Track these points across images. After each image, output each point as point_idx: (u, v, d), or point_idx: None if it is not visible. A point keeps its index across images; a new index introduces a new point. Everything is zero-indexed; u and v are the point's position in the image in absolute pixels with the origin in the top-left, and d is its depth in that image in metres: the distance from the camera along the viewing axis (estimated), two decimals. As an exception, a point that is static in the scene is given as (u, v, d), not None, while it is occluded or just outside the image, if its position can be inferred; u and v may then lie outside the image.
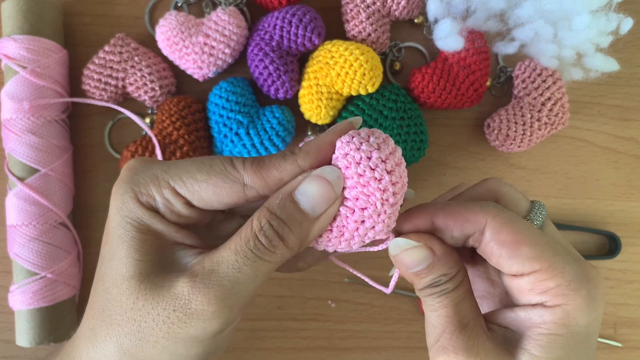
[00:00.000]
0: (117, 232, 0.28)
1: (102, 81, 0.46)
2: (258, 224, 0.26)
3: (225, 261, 0.26)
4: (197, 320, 0.26)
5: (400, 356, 0.50)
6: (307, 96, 0.46)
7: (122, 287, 0.27)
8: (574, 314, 0.27)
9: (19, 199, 0.44)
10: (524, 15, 0.47)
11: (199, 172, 0.27)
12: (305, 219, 0.27)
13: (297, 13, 0.45)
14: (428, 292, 0.30)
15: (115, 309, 0.27)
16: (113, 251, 0.28)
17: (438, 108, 0.49)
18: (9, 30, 0.45)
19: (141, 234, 0.28)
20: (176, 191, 0.28)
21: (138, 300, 0.27)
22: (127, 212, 0.28)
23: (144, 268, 0.27)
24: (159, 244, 0.28)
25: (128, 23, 0.49)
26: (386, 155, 0.27)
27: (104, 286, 0.28)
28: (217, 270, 0.26)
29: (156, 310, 0.26)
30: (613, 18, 0.47)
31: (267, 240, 0.26)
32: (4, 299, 0.47)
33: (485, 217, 0.28)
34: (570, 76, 0.49)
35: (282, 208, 0.27)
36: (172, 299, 0.26)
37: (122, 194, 0.28)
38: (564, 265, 0.27)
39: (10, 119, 0.44)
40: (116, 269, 0.27)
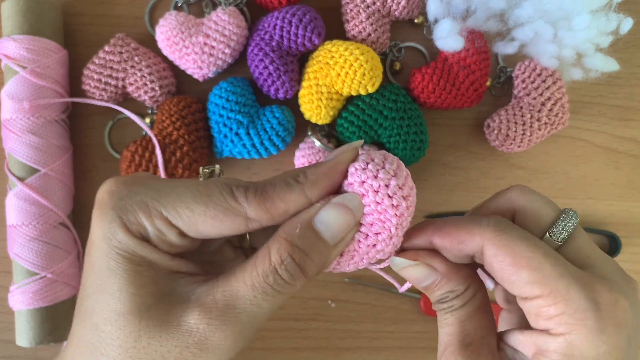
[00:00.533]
0: (105, 264, 0.25)
1: (102, 81, 0.46)
2: (278, 258, 0.25)
3: (241, 296, 0.25)
4: (212, 355, 0.25)
5: (400, 356, 0.50)
6: (307, 96, 0.46)
7: (118, 324, 0.25)
8: (578, 345, 0.25)
9: (19, 199, 0.44)
10: (524, 16, 0.47)
11: (195, 203, 0.25)
12: (326, 248, 0.26)
13: (297, 13, 0.45)
14: (437, 308, 0.30)
15: (110, 349, 0.25)
16: (102, 284, 0.25)
17: (438, 108, 0.49)
18: (8, 30, 0.45)
19: (134, 266, 0.25)
20: (169, 222, 0.25)
21: (141, 339, 0.24)
22: (117, 243, 0.25)
23: (142, 302, 0.25)
24: (154, 275, 0.25)
25: (128, 23, 0.49)
26: (403, 182, 0.27)
27: (92, 322, 0.25)
28: (233, 306, 0.25)
29: (166, 347, 0.24)
30: (613, 18, 0.47)
31: (288, 274, 0.25)
32: (4, 299, 0.47)
33: (481, 239, 0.27)
34: (570, 76, 0.49)
35: (303, 239, 0.25)
36: (184, 336, 0.24)
37: (110, 222, 0.25)
38: (568, 291, 0.25)
39: (10, 119, 0.44)
40: (108, 304, 0.25)
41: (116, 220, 0.25)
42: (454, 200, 0.51)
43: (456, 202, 0.51)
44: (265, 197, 0.25)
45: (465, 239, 0.27)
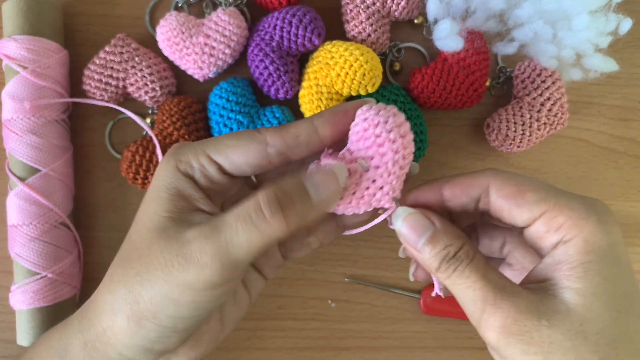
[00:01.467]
0: (152, 194, 0.32)
1: (102, 81, 0.47)
2: (264, 196, 0.29)
3: (226, 222, 0.29)
4: (192, 267, 0.28)
5: (400, 356, 0.50)
6: (307, 96, 0.46)
7: (144, 236, 0.31)
8: (592, 238, 0.28)
9: (19, 198, 0.44)
10: (524, 16, 0.47)
11: (229, 139, 0.32)
12: (309, 203, 0.30)
13: (297, 13, 0.45)
14: (447, 271, 0.30)
15: (132, 254, 0.31)
16: (145, 210, 0.32)
17: (438, 108, 0.49)
18: (9, 30, 0.45)
19: (171, 195, 0.31)
20: (211, 157, 0.31)
21: (152, 246, 0.30)
22: (165, 176, 0.31)
23: (165, 222, 0.30)
24: (184, 206, 0.31)
25: (128, 23, 0.49)
26: (400, 122, 0.31)
27: (130, 239, 0.32)
28: (218, 229, 0.29)
29: (163, 254, 0.29)
30: (612, 18, 0.47)
31: (268, 211, 0.28)
32: (5, 298, 0.47)
33: (486, 178, 0.31)
34: (570, 76, 0.49)
35: (290, 188, 0.29)
36: (177, 245, 0.29)
37: (165, 164, 0.32)
38: (569, 201, 0.29)
39: (11, 119, 0.45)
40: (143, 223, 0.31)
41: (170, 161, 0.32)
42: (453, 200, 0.51)
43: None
44: (282, 127, 0.32)
45: (472, 183, 0.32)
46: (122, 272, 0.31)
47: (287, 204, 0.29)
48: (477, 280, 0.29)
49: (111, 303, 0.31)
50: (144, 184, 0.46)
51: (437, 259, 0.30)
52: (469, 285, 0.29)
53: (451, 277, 0.30)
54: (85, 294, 0.48)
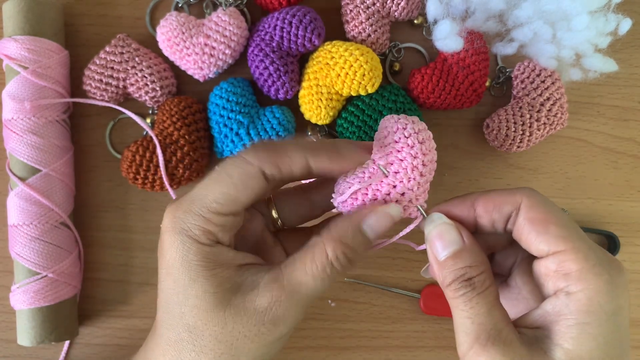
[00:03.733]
0: (187, 277, 0.30)
1: (103, 81, 0.47)
2: (334, 255, 0.30)
3: (304, 283, 0.30)
4: (283, 325, 0.30)
5: (400, 355, 0.50)
6: (307, 97, 0.46)
7: (207, 319, 0.30)
8: (597, 298, 0.27)
9: (20, 198, 0.44)
10: (523, 16, 0.47)
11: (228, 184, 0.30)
12: (369, 245, 0.32)
13: (297, 14, 0.45)
14: (457, 292, 0.30)
15: (204, 338, 0.30)
16: (186, 293, 0.30)
17: (437, 108, 0.49)
18: (10, 30, 0.45)
19: (209, 271, 0.30)
20: (219, 212, 0.30)
21: (227, 325, 0.30)
22: (193, 256, 0.30)
23: (222, 297, 0.30)
24: (227, 273, 0.31)
25: (129, 24, 0.50)
26: (419, 128, 0.32)
27: (183, 323, 0.31)
28: (297, 290, 0.30)
29: (247, 327, 0.30)
30: (612, 19, 0.47)
31: (341, 267, 0.30)
32: (6, 298, 0.47)
33: (521, 196, 0.31)
34: (569, 76, 0.49)
35: (354, 241, 0.31)
36: (260, 315, 0.30)
37: (181, 243, 0.30)
38: (588, 249, 0.28)
39: (12, 119, 0.45)
40: (196, 307, 0.30)
41: (186, 239, 0.30)
42: (453, 200, 0.51)
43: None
44: (272, 153, 0.31)
45: (506, 199, 0.31)
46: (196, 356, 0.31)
47: (354, 256, 0.31)
48: (479, 314, 0.29)
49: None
50: (144, 184, 0.46)
51: (452, 276, 0.30)
52: (469, 315, 0.29)
53: (457, 299, 0.30)
54: (85, 294, 0.48)
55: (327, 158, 0.31)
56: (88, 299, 0.49)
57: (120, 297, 0.49)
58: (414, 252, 0.50)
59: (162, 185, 0.47)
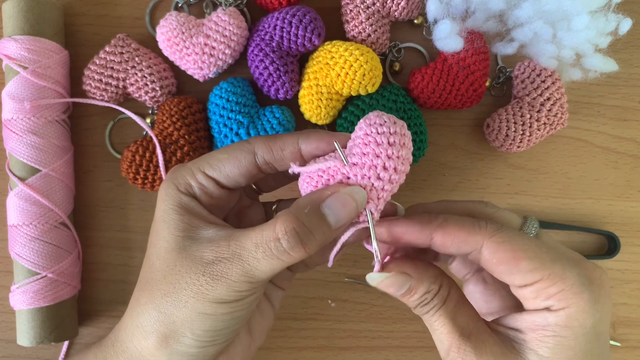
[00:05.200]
0: (161, 217, 0.33)
1: (102, 81, 0.47)
2: (283, 229, 0.29)
3: (246, 248, 0.30)
4: (221, 285, 0.30)
5: (400, 355, 0.50)
6: (307, 96, 0.46)
7: (164, 258, 0.32)
8: (577, 316, 0.28)
9: (19, 199, 0.44)
10: (523, 16, 0.47)
11: (220, 153, 0.34)
12: (328, 229, 0.30)
13: (297, 14, 0.45)
14: (421, 312, 0.32)
15: (156, 276, 0.32)
16: (158, 233, 0.33)
17: (438, 108, 0.49)
18: (9, 30, 0.45)
19: (180, 215, 0.32)
20: (206, 174, 0.33)
21: (175, 267, 0.31)
22: (169, 199, 0.33)
23: (182, 242, 0.31)
24: (194, 223, 0.32)
25: (129, 23, 0.50)
26: (396, 130, 0.30)
27: (149, 263, 0.33)
28: (239, 254, 0.30)
29: (189, 274, 0.30)
30: (612, 18, 0.47)
31: (288, 244, 0.29)
32: (5, 298, 0.47)
33: (482, 238, 0.30)
34: (570, 76, 0.49)
35: (309, 218, 0.29)
36: (201, 265, 0.30)
37: (166, 188, 0.34)
38: (564, 271, 0.29)
39: (12, 119, 0.45)
40: (160, 246, 0.32)
41: (170, 186, 0.33)
42: (453, 200, 0.51)
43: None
44: (269, 138, 0.33)
45: (467, 239, 0.30)
46: (148, 295, 0.32)
47: (306, 235, 0.29)
48: (445, 324, 0.30)
49: (143, 326, 0.32)
50: (144, 184, 0.46)
51: (413, 304, 0.32)
52: (437, 328, 0.31)
53: (425, 317, 0.32)
54: (85, 294, 0.48)
55: (316, 136, 0.32)
56: (88, 299, 0.49)
57: (120, 297, 0.49)
58: (414, 252, 0.50)
59: (162, 185, 0.47)
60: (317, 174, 0.32)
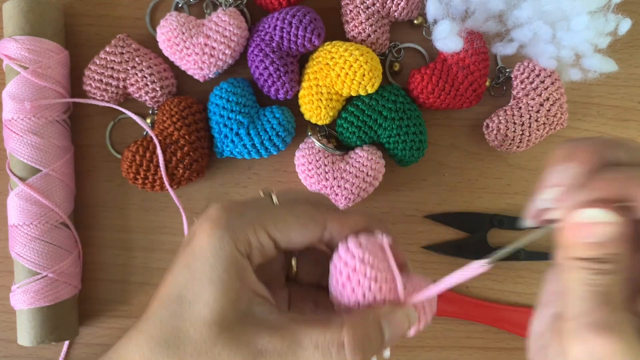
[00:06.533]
0: (208, 275, 0.28)
1: (103, 82, 0.47)
2: (349, 336, 0.28)
3: (304, 347, 0.27)
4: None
5: (400, 355, 0.50)
6: (307, 97, 0.46)
7: (203, 330, 0.27)
8: None
9: (20, 199, 0.44)
10: (523, 16, 0.47)
11: (289, 215, 0.30)
12: (382, 344, 0.29)
13: (297, 14, 0.45)
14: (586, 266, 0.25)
15: (188, 348, 0.28)
16: (199, 293, 0.28)
17: (437, 108, 0.49)
18: (10, 31, 0.45)
19: (232, 280, 0.28)
20: (269, 234, 0.29)
21: (216, 346, 0.27)
22: (222, 255, 0.28)
23: (227, 316, 0.28)
24: (244, 294, 0.28)
25: (129, 24, 0.50)
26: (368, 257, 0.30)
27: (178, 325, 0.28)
28: (294, 351, 0.27)
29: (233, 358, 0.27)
30: (612, 19, 0.47)
31: (351, 354, 0.28)
32: (6, 298, 0.47)
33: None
34: (569, 77, 0.49)
35: (371, 329, 0.28)
36: (249, 353, 0.27)
37: (221, 237, 0.28)
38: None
39: (12, 119, 0.45)
40: (199, 312, 0.28)
41: (227, 237, 0.28)
42: (453, 200, 0.51)
43: (455, 202, 0.51)
44: (342, 216, 0.31)
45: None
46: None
47: (366, 347, 0.28)
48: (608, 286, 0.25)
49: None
50: (144, 184, 0.47)
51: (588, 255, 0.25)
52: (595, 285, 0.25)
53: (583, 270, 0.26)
54: (85, 294, 0.48)
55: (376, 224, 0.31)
56: (88, 299, 0.49)
57: (120, 297, 0.49)
58: (415, 253, 0.50)
59: (162, 185, 0.47)
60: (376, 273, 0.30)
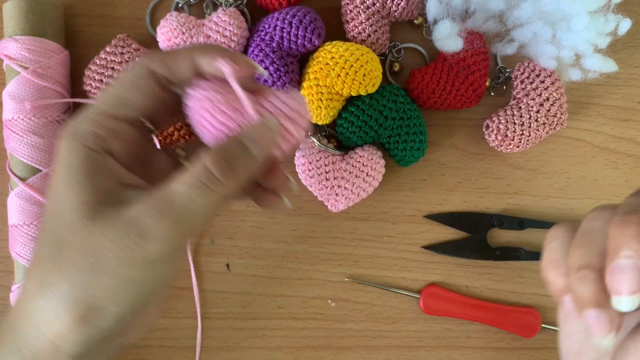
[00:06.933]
0: (65, 182, 0.28)
1: (103, 82, 0.47)
2: (210, 159, 0.28)
3: (177, 192, 0.27)
4: (151, 241, 0.27)
5: (400, 355, 0.50)
6: (308, 97, 0.46)
7: (75, 228, 0.27)
8: None
9: (20, 198, 0.44)
10: (523, 16, 0.47)
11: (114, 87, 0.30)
12: (252, 157, 0.29)
13: (297, 14, 0.45)
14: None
15: (67, 250, 0.27)
16: (63, 200, 0.28)
17: (437, 108, 0.49)
18: (10, 31, 0.45)
19: (90, 179, 0.28)
20: (113, 115, 0.29)
21: (93, 235, 0.27)
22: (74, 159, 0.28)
23: (93, 207, 0.27)
24: (109, 186, 0.28)
25: (129, 24, 0.50)
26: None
27: (51, 237, 0.28)
28: (169, 200, 0.27)
29: (111, 238, 0.27)
30: (611, 19, 0.47)
31: (219, 171, 0.28)
32: (6, 298, 0.47)
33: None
34: (569, 77, 0.49)
35: (231, 147, 0.29)
36: (125, 225, 0.27)
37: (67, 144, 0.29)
38: None
39: (12, 119, 0.45)
40: (68, 215, 0.28)
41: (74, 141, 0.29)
42: (453, 200, 0.51)
43: (455, 202, 0.51)
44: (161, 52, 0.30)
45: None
46: (57, 272, 0.28)
47: (233, 161, 0.28)
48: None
49: (52, 307, 0.27)
50: (145, 184, 0.47)
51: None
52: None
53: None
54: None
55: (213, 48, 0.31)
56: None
57: (121, 297, 0.49)
58: (414, 252, 0.50)
59: (162, 185, 0.47)
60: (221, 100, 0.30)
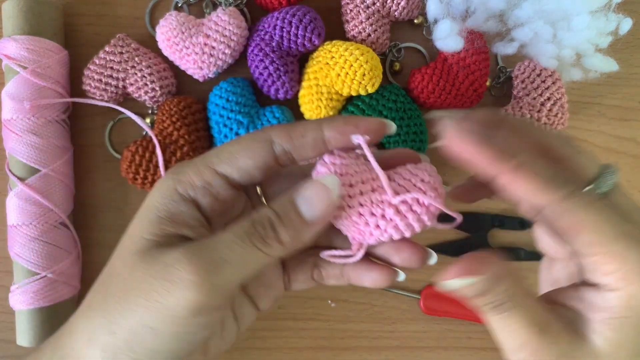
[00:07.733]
0: (140, 216, 0.29)
1: (102, 81, 0.47)
2: (257, 215, 0.27)
3: (217, 240, 0.27)
4: (176, 289, 0.26)
5: (400, 355, 0.50)
6: (307, 96, 0.46)
7: (126, 260, 0.28)
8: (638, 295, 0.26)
9: (19, 199, 0.44)
10: (524, 16, 0.47)
11: (231, 145, 0.30)
12: (301, 220, 0.28)
13: (297, 13, 0.45)
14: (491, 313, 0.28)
15: (114, 279, 0.28)
16: (130, 231, 0.29)
17: (438, 108, 0.49)
18: (9, 30, 0.45)
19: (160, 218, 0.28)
20: (216, 171, 0.29)
21: (134, 271, 0.27)
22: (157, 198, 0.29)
23: (148, 245, 0.28)
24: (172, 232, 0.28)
25: (128, 23, 0.50)
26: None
27: (111, 263, 0.30)
28: (207, 246, 0.27)
29: (146, 278, 0.26)
30: (612, 18, 0.47)
31: (262, 229, 0.27)
32: (5, 299, 0.47)
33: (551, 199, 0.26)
34: (570, 76, 0.49)
35: (281, 207, 0.28)
36: (161, 267, 0.26)
37: (162, 183, 0.29)
38: (624, 250, 0.26)
39: (11, 119, 0.45)
40: (126, 247, 0.29)
41: (168, 182, 0.29)
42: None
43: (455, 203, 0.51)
44: (287, 125, 0.30)
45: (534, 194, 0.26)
46: (101, 299, 0.28)
47: (280, 223, 0.27)
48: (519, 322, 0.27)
49: (88, 332, 0.28)
50: (144, 184, 0.46)
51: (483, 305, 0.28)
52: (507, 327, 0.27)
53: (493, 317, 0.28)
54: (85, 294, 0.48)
55: (342, 122, 0.29)
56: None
57: (120, 298, 0.49)
58: (414, 252, 0.50)
59: (162, 185, 0.47)
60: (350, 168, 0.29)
